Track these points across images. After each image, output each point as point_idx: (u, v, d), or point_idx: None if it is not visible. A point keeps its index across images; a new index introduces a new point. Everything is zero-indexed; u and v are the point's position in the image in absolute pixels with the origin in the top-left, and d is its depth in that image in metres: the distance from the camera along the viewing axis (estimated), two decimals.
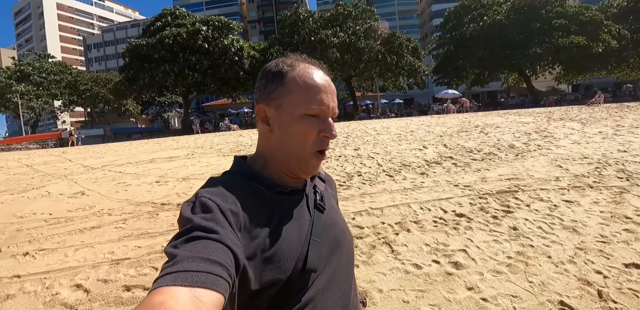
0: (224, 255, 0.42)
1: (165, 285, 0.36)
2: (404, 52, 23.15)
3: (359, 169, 5.06)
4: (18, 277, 2.48)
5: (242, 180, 0.58)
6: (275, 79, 0.59)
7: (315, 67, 0.61)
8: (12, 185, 6.02)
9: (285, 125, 0.58)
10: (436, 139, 7.52)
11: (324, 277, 0.56)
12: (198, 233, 0.44)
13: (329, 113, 0.58)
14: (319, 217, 0.60)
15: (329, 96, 0.58)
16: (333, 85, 0.61)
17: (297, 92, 0.57)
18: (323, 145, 0.59)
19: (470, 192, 3.63)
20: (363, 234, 2.70)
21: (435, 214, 3.04)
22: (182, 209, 0.50)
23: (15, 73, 31.75)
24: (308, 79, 0.58)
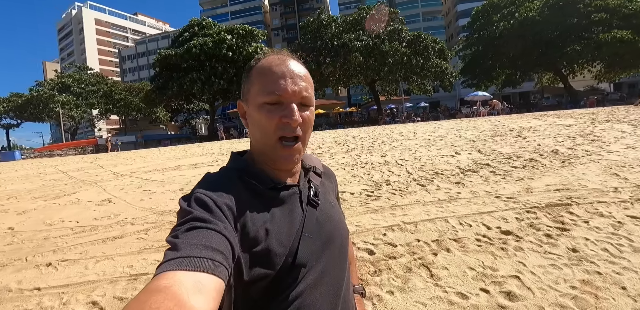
0: (222, 244, 0.43)
1: (170, 269, 0.37)
2: (430, 53, 22.51)
3: (387, 177, 4.78)
4: (38, 290, 2.43)
5: (236, 175, 0.58)
6: (245, 74, 0.61)
7: (280, 56, 0.60)
8: (46, 191, 6.27)
9: (252, 117, 0.59)
10: (469, 144, 7.06)
11: (314, 272, 0.57)
12: (197, 223, 0.45)
13: (291, 98, 0.56)
14: (311, 213, 0.60)
15: (289, 80, 0.56)
16: (300, 70, 0.59)
17: (256, 83, 0.58)
18: (285, 131, 0.57)
19: (515, 204, 3.25)
20: (396, 253, 2.43)
21: (478, 231, 2.71)
22: (180, 203, 0.51)
23: (58, 84, 34.24)
24: (265, 67, 0.58)
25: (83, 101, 35.70)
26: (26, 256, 3.10)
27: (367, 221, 3.10)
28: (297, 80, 0.57)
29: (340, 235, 0.65)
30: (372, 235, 2.76)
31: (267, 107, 0.56)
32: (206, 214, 0.47)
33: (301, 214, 0.60)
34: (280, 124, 0.56)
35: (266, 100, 0.56)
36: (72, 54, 72.87)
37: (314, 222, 0.59)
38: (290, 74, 0.57)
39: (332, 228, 0.63)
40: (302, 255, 0.54)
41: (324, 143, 9.74)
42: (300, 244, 0.55)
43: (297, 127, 0.57)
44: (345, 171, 5.43)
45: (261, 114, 0.57)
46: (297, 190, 0.62)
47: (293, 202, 0.60)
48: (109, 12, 76.26)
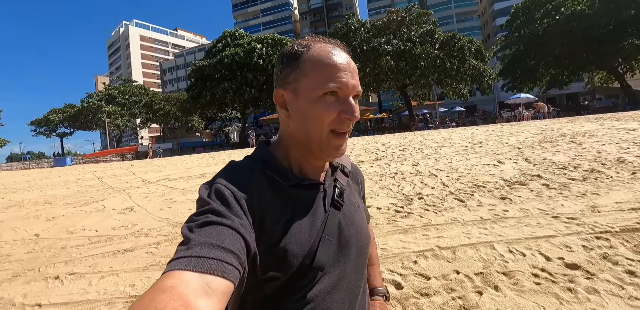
0: (236, 243, 0.43)
1: (178, 269, 0.37)
2: (465, 55, 21.38)
3: (419, 189, 4.29)
4: (39, 306, 2.29)
5: (261, 168, 0.57)
6: (290, 62, 0.58)
7: (332, 46, 0.58)
8: (78, 198, 6.46)
9: (303, 109, 0.56)
10: (513, 151, 6.32)
11: (331, 276, 0.56)
12: (213, 218, 0.45)
13: (349, 92, 0.56)
14: (334, 215, 0.59)
15: (348, 74, 0.55)
16: (353, 63, 0.58)
17: (312, 74, 0.55)
18: (343, 126, 0.56)
19: (579, 228, 2.65)
20: (430, 288, 1.98)
21: (534, 262, 2.17)
22: (200, 190, 0.52)
23: (105, 96, 37.24)
24: (324, 58, 0.56)
25: (127, 111, 38.47)
26: (39, 267, 3.02)
27: (394, 243, 2.67)
28: (354, 74, 0.56)
29: (361, 241, 0.62)
30: (400, 263, 2.33)
31: (326, 100, 0.55)
32: (224, 208, 0.46)
33: (323, 214, 0.58)
34: (338, 119, 0.55)
35: (325, 91, 0.54)
36: (120, 68, 79.36)
37: (335, 225, 0.58)
38: (349, 66, 0.56)
39: (354, 232, 0.61)
40: (320, 258, 0.53)
41: (351, 150, 9.34)
42: (320, 246, 0.54)
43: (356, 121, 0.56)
44: (372, 182, 5.00)
45: (318, 108, 0.55)
46: (322, 189, 0.60)
47: (316, 202, 0.59)
48: (152, 28, 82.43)
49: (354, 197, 0.68)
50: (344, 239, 0.59)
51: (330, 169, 0.65)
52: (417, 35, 21.92)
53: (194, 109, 27.96)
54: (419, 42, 21.68)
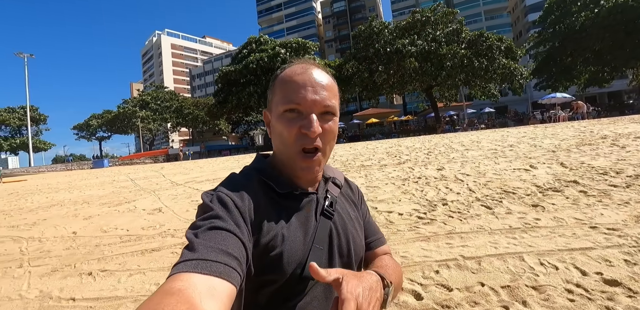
0: (238, 249, 0.44)
1: (185, 271, 0.38)
2: (494, 53, 20.47)
3: (444, 195, 4.14)
4: (73, 301, 2.43)
5: (257, 177, 0.60)
6: (270, 83, 0.62)
7: (304, 65, 0.59)
8: (113, 198, 6.84)
9: (273, 126, 0.59)
10: (547, 155, 5.96)
11: (322, 285, 0.56)
12: (218, 223, 0.46)
13: (309, 108, 0.56)
14: (324, 224, 0.60)
15: (309, 89, 0.56)
16: (322, 79, 0.58)
17: (278, 92, 0.58)
18: (305, 143, 0.56)
19: (621, 240, 2.43)
20: (452, 301, 1.90)
21: (568, 277, 2.02)
22: (203, 197, 0.54)
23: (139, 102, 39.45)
24: (287, 76, 0.58)
25: (159, 116, 40.48)
26: (75, 263, 3.21)
27: (415, 251, 2.59)
28: (319, 89, 0.56)
29: (354, 250, 0.63)
30: (421, 272, 2.26)
31: (287, 116, 0.56)
32: (226, 214, 0.48)
33: (314, 223, 0.59)
34: (299, 134, 0.56)
35: (285, 108, 0.56)
36: (153, 75, 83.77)
37: (326, 234, 0.59)
38: (311, 83, 0.56)
39: (345, 242, 0.62)
40: None
41: (374, 154, 9.22)
42: (310, 255, 0.55)
43: (316, 138, 0.56)
44: (394, 186, 4.90)
45: (281, 124, 0.56)
46: (314, 199, 0.62)
47: (308, 211, 0.60)
48: (182, 36, 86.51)
49: (349, 208, 0.69)
50: (335, 249, 0.59)
51: (323, 181, 0.67)
52: (443, 35, 21.29)
53: (221, 113, 28.89)
54: (444, 42, 21.04)
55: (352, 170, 6.83)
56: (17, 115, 47.47)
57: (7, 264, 3.39)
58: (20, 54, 38.11)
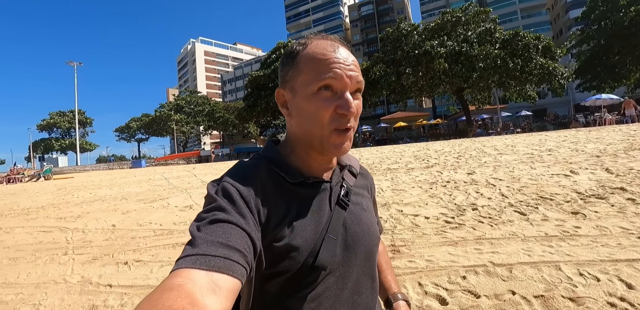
0: (242, 241, 0.43)
1: (185, 267, 0.38)
2: (531, 53, 19.37)
3: (474, 200, 3.98)
4: (110, 287, 2.60)
5: (266, 166, 0.57)
6: (288, 60, 0.58)
7: (330, 41, 0.57)
8: (149, 195, 7.23)
9: (301, 107, 0.55)
10: (590, 160, 5.54)
11: (335, 276, 0.55)
12: (220, 215, 0.45)
13: (345, 86, 0.53)
14: (339, 214, 0.58)
15: (343, 66, 0.53)
16: (352, 57, 0.56)
17: (307, 70, 0.54)
18: (341, 123, 0.54)
19: None
20: (478, 308, 1.82)
21: (610, 289, 1.86)
22: (208, 188, 0.52)
23: (174, 106, 41.62)
24: (318, 53, 0.54)
25: (192, 119, 42.42)
26: (113, 253, 3.44)
27: (442, 256, 2.51)
28: (352, 66, 0.54)
29: (369, 241, 0.61)
30: (446, 277, 2.18)
31: (321, 95, 0.53)
32: (230, 205, 0.47)
33: (328, 213, 0.57)
34: (335, 114, 0.53)
35: (321, 84, 0.52)
36: (188, 81, 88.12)
37: (340, 224, 0.57)
38: (344, 59, 0.54)
39: (361, 232, 0.60)
40: (323, 257, 0.52)
41: (401, 157, 9.06)
42: (323, 245, 0.53)
43: (352, 117, 0.55)
44: (422, 190, 4.78)
45: (314, 104, 0.53)
46: (328, 187, 0.60)
47: (322, 200, 0.58)
48: (214, 44, 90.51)
49: (362, 198, 0.66)
50: (350, 239, 0.58)
51: (338, 168, 0.64)
52: (475, 35, 20.49)
53: (250, 117, 29.73)
54: (476, 42, 20.23)
55: (378, 173, 6.75)
56: (67, 118, 51.83)
57: (55, 251, 3.70)
58: (71, 63, 41.69)
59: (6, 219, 6.10)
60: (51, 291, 2.59)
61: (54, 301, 2.40)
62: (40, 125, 52.37)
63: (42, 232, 4.75)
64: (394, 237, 3.01)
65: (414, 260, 2.47)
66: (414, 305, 1.90)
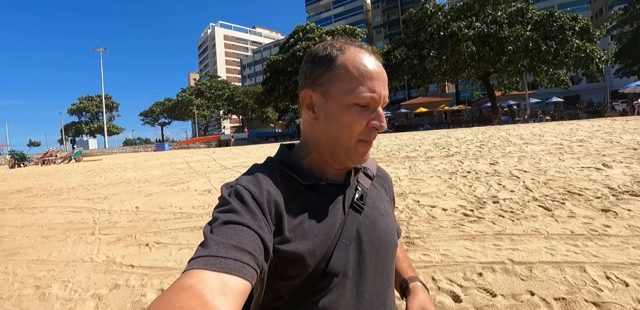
0: (253, 243, 0.43)
1: (197, 268, 0.39)
2: (566, 35, 17.89)
3: (495, 192, 3.83)
4: (131, 267, 2.73)
5: (279, 169, 0.57)
6: (323, 63, 0.56)
7: (366, 52, 0.56)
8: (170, 179, 7.47)
9: (333, 114, 0.55)
10: (626, 152, 5.18)
11: (350, 283, 0.54)
12: (233, 217, 0.45)
13: (379, 102, 0.55)
14: (353, 218, 0.57)
15: (381, 83, 0.54)
16: (384, 72, 0.57)
17: (347, 79, 0.54)
18: (370, 136, 0.56)
19: None
20: (493, 307, 1.76)
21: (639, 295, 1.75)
22: (222, 190, 0.52)
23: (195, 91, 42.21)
24: (360, 64, 0.54)
25: (212, 103, 43.00)
26: (136, 234, 3.60)
27: (458, 250, 2.44)
28: (385, 83, 0.56)
29: (385, 247, 0.60)
30: (461, 273, 2.12)
31: (357, 109, 0.54)
32: (243, 208, 0.47)
33: (342, 217, 0.56)
34: (367, 129, 0.55)
35: (359, 101, 0.53)
36: (208, 65, 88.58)
37: (354, 229, 0.56)
38: (382, 76, 0.55)
39: (377, 238, 0.59)
40: (335, 263, 0.51)
41: (420, 145, 8.83)
42: (335, 250, 0.52)
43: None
44: (440, 180, 4.65)
45: (349, 115, 0.54)
46: (342, 191, 0.59)
47: (335, 204, 0.57)
48: (234, 28, 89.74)
49: (379, 201, 0.64)
50: (365, 244, 0.56)
51: (353, 171, 0.63)
52: (505, 15, 19.06)
53: (268, 101, 29.70)
54: (507, 23, 18.84)
55: (396, 161, 6.62)
56: (95, 103, 53.85)
57: (83, 231, 3.92)
58: (97, 49, 42.81)
59: (40, 198, 6.50)
60: (79, 269, 2.75)
61: (81, 279, 2.55)
62: (70, 109, 54.79)
63: (72, 212, 5.03)
64: (409, 229, 2.96)
65: (429, 254, 2.42)
66: None
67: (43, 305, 2.20)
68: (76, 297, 2.27)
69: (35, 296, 2.34)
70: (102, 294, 2.28)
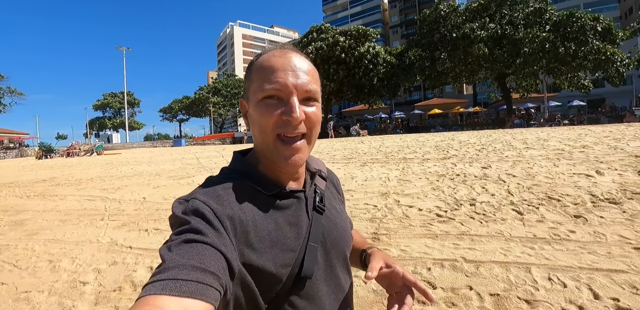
0: (215, 263, 0.41)
1: (153, 293, 0.35)
2: (587, 36, 17.18)
3: (475, 195, 3.90)
4: (130, 248, 3.07)
5: (239, 179, 0.55)
6: (247, 72, 0.58)
7: (282, 50, 0.55)
8: (178, 173, 7.83)
9: (252, 115, 0.55)
10: (626, 160, 5.08)
11: (321, 282, 0.55)
12: (192, 236, 0.43)
13: (290, 92, 0.51)
14: (317, 220, 0.57)
15: (289, 73, 0.52)
16: (302, 64, 0.54)
17: (254, 79, 0.54)
18: (286, 130, 0.52)
19: None
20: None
21: (574, 297, 1.84)
22: (174, 207, 0.49)
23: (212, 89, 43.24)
24: (264, 62, 0.54)
25: (228, 101, 43.92)
26: (138, 221, 3.96)
27: (417, 247, 2.58)
28: (299, 73, 0.52)
29: (345, 243, 0.62)
30: (412, 267, 2.28)
31: (266, 103, 0.52)
32: (203, 225, 0.44)
33: (307, 221, 0.56)
34: (280, 121, 0.51)
35: (264, 94, 0.51)
36: (226, 64, 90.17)
37: (319, 231, 0.57)
38: (290, 66, 0.52)
39: (338, 236, 0.61)
40: (308, 266, 0.52)
41: (421, 147, 8.84)
42: (306, 254, 0.53)
43: (299, 124, 0.52)
44: (427, 182, 4.73)
45: (259, 111, 0.52)
46: (303, 196, 0.58)
47: (299, 209, 0.56)
48: (252, 27, 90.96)
49: (334, 201, 0.67)
50: (329, 244, 0.58)
51: (309, 175, 0.63)
52: (522, 16, 18.51)
53: None
54: (523, 24, 18.29)
55: (392, 162, 6.71)
56: (118, 99, 56.05)
57: (94, 216, 4.31)
58: (120, 48, 44.46)
59: (62, 187, 7.01)
60: (86, 248, 3.12)
61: (87, 256, 2.92)
62: (95, 105, 57.37)
63: (87, 200, 5.45)
64: (380, 226, 3.11)
65: (389, 249, 2.57)
66: (369, 288, 2.02)
67: (53, 275, 2.56)
68: (80, 270, 2.63)
69: (47, 268, 2.71)
70: (101, 268, 2.63)
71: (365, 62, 23.12)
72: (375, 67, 23.20)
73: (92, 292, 2.26)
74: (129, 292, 2.23)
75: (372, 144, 10.91)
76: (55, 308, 2.08)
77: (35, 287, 2.37)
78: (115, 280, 2.40)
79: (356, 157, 8.16)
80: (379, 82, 23.35)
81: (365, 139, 14.90)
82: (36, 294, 2.26)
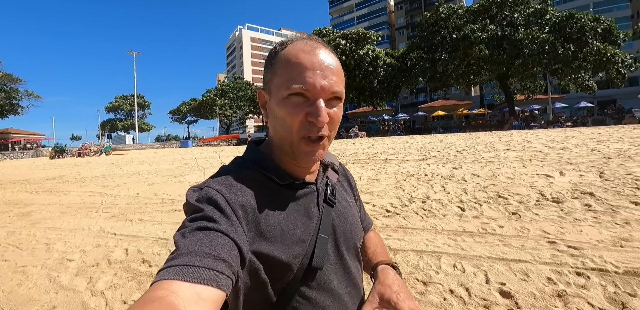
0: (228, 250, 0.42)
1: (167, 278, 0.37)
2: (587, 37, 16.99)
3: (432, 193, 4.12)
4: (114, 235, 3.50)
5: (253, 169, 0.56)
6: (268, 61, 0.56)
7: (310, 42, 0.54)
8: (174, 172, 8.23)
9: (274, 109, 0.54)
10: (595, 161, 5.21)
11: (332, 273, 0.55)
12: (205, 223, 0.44)
13: (317, 94, 0.51)
14: (327, 212, 0.58)
15: (317, 73, 0.50)
16: (329, 62, 0.52)
17: (280, 73, 0.52)
18: (311, 131, 0.51)
19: (570, 259, 2.26)
20: None
21: (465, 280, 2.07)
22: (188, 195, 0.50)
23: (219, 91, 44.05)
24: (292, 56, 0.52)
25: (234, 104, 44.67)
26: (126, 213, 4.39)
27: None
28: (328, 73, 0.51)
29: (356, 236, 0.63)
30: None
31: (292, 101, 0.51)
32: (216, 213, 0.45)
33: (317, 213, 0.57)
34: (305, 122, 0.51)
35: (290, 92, 0.50)
36: (235, 66, 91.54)
37: (330, 223, 0.58)
38: (320, 65, 0.51)
39: (349, 229, 0.61)
40: (318, 257, 0.53)
41: (406, 149, 9.03)
42: (317, 245, 0.54)
43: (323, 126, 0.52)
44: (394, 181, 4.96)
45: (284, 109, 0.51)
46: (315, 189, 0.59)
47: (310, 201, 0.58)
48: (260, 30, 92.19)
49: (346, 194, 0.68)
50: (339, 236, 0.59)
51: (322, 168, 0.64)
52: (522, 17, 18.41)
53: None
54: (523, 25, 18.19)
55: (372, 163, 6.94)
56: (129, 101, 57.62)
57: (90, 209, 4.76)
58: (130, 52, 45.75)
59: (68, 184, 7.50)
60: (78, 234, 3.58)
61: (77, 240, 3.37)
62: (107, 107, 59.16)
63: (88, 195, 5.89)
64: None
65: None
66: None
67: (47, 254, 3.03)
68: (70, 251, 3.09)
69: (44, 249, 3.19)
70: (86, 249, 3.08)
71: (365, 64, 23.32)
72: (375, 69, 23.37)
73: (75, 266, 2.68)
74: (104, 267, 2.64)
75: (362, 145, 11.14)
76: (44, 278, 2.51)
77: (31, 263, 2.81)
78: (95, 259, 2.82)
79: (341, 158, 8.41)
80: (379, 84, 23.51)
81: (359, 140, 15.12)
82: (31, 268, 2.71)
